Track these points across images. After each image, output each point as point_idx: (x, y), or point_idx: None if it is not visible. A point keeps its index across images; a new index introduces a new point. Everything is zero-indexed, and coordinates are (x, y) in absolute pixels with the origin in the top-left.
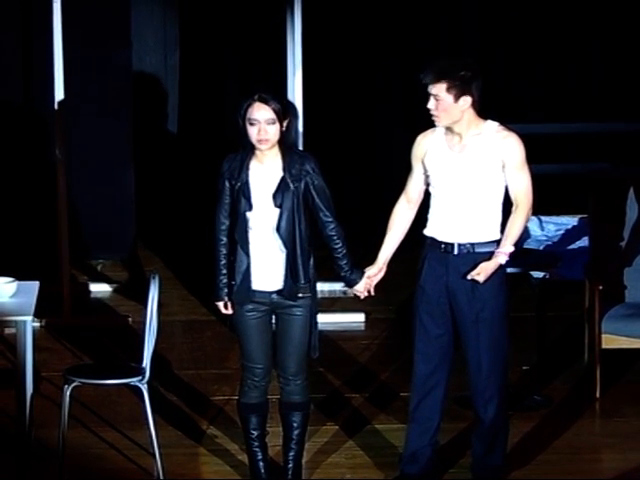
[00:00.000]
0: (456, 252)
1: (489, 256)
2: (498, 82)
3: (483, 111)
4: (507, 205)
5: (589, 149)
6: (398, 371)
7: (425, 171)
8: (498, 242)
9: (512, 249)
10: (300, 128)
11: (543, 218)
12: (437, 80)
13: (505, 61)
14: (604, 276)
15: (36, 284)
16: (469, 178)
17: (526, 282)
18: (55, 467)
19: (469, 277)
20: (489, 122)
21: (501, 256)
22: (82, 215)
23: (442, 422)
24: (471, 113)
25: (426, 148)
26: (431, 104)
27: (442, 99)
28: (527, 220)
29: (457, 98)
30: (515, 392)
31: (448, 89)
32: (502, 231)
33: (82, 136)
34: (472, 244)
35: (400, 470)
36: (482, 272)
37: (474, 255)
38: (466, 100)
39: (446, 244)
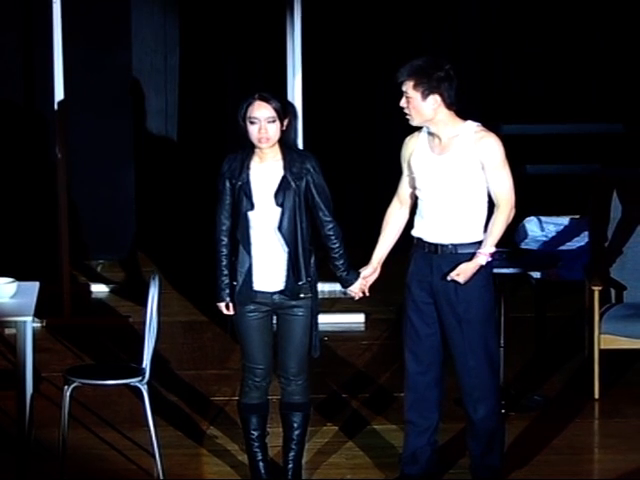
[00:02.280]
0: (439, 253)
1: (471, 257)
2: (497, 82)
3: (483, 111)
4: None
5: (588, 149)
6: (398, 372)
7: (410, 172)
8: (481, 243)
9: (493, 250)
10: (300, 129)
11: (543, 218)
12: (406, 77)
13: (504, 61)
14: (603, 277)
15: (36, 284)
16: (449, 180)
17: (525, 282)
18: (55, 467)
19: (449, 278)
20: (468, 123)
21: (481, 257)
22: (82, 215)
23: (441, 422)
24: (446, 114)
25: (412, 149)
26: (403, 102)
27: (411, 97)
28: (509, 220)
29: (425, 96)
30: (514, 392)
31: (415, 86)
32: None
33: (82, 136)
34: (455, 245)
35: (400, 471)
36: (462, 273)
37: (457, 256)
38: (435, 99)
39: (430, 244)
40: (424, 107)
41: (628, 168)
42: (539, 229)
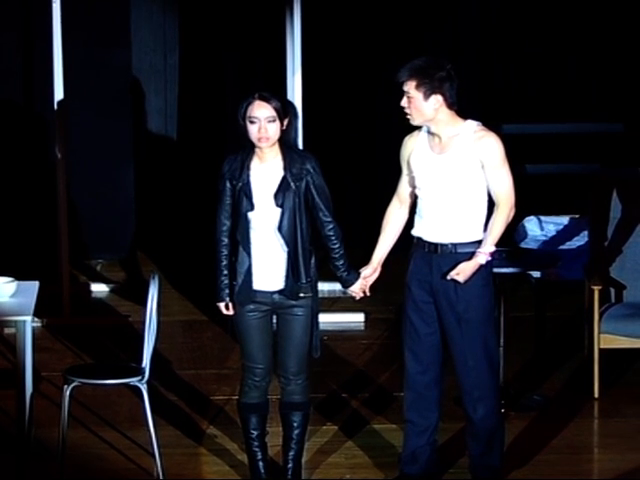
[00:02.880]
0: (439, 252)
1: (471, 256)
2: (497, 82)
3: (483, 111)
4: (493, 205)
5: (588, 149)
6: (398, 371)
7: (410, 172)
8: (481, 242)
9: (493, 249)
10: (300, 129)
11: (543, 218)
12: (408, 78)
13: (504, 61)
14: (603, 276)
15: (36, 284)
16: (449, 179)
17: (525, 282)
18: (55, 467)
19: (448, 277)
20: (468, 122)
21: (481, 256)
22: (82, 215)
23: (441, 422)
24: (447, 113)
25: (411, 149)
26: (404, 102)
27: (413, 97)
28: (509, 220)
29: (427, 96)
30: (514, 392)
31: (417, 87)
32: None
33: (82, 136)
34: (454, 244)
35: (400, 470)
36: (461, 272)
37: (457, 255)
38: (437, 99)
39: (430, 244)
40: (426, 107)
41: (628, 168)
42: (539, 229)
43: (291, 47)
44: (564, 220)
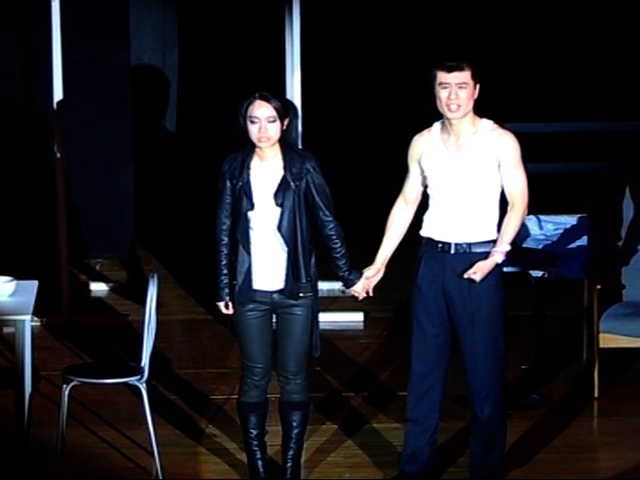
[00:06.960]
0: (453, 252)
1: (485, 256)
2: (498, 82)
3: (483, 111)
4: (504, 205)
5: (588, 148)
6: (397, 370)
7: (422, 172)
8: (495, 242)
9: (509, 248)
10: (299, 128)
11: (542, 217)
12: (464, 67)
13: (504, 61)
14: (603, 275)
15: (35, 283)
16: (465, 177)
17: (525, 281)
18: (54, 466)
19: (465, 276)
20: (484, 121)
21: (497, 255)
22: (81, 214)
23: (441, 421)
24: (471, 109)
25: (422, 149)
26: (454, 94)
27: (468, 84)
28: (523, 219)
29: (475, 86)
30: (514, 391)
31: (472, 75)
32: (499, 230)
33: (81, 135)
34: (469, 244)
35: (399, 469)
36: (478, 271)
37: (471, 255)
38: (477, 89)
39: (443, 243)
40: (472, 98)
41: (630, 167)
42: (538, 228)
43: (290, 46)
44: (563, 219)
